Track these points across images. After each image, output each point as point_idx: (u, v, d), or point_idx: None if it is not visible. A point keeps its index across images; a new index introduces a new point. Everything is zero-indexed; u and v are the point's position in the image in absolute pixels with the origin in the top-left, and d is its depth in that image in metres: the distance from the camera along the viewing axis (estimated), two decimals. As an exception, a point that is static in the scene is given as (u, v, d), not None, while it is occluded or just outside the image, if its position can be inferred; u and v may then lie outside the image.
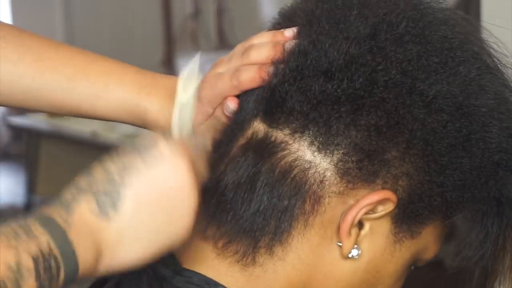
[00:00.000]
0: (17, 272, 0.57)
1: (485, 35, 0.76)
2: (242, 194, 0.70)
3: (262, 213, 0.70)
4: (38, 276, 0.58)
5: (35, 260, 0.59)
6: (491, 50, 0.74)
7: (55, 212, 0.62)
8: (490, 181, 0.72)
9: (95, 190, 0.65)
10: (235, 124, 0.74)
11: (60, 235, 0.61)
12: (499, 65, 0.74)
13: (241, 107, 0.74)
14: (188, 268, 0.72)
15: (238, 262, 0.71)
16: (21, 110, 5.29)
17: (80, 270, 0.62)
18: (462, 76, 0.70)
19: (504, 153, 0.72)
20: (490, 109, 0.71)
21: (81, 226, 0.63)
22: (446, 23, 0.73)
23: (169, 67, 4.88)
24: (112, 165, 0.66)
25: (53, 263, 0.60)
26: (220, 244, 0.72)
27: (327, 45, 0.70)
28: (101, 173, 0.66)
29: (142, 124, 0.83)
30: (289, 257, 0.71)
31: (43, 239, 0.60)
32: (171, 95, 0.80)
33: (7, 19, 5.96)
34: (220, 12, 4.81)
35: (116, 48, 5.52)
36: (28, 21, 5.86)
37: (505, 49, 0.76)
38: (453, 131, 0.70)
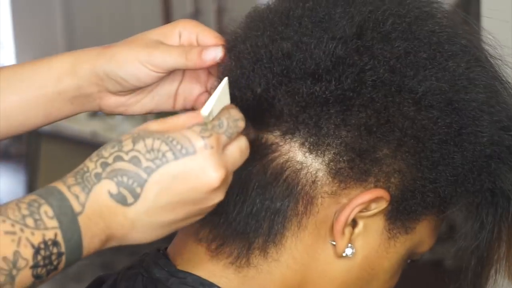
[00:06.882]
0: (13, 263, 0.57)
1: (473, 26, 0.75)
2: (234, 197, 0.70)
3: (255, 215, 0.70)
4: (35, 265, 0.58)
5: (36, 249, 0.58)
6: (480, 42, 0.74)
7: (72, 191, 0.61)
8: (483, 174, 0.72)
9: (117, 168, 0.61)
10: None
11: (70, 221, 0.59)
12: (488, 57, 0.73)
13: None
14: (182, 270, 0.72)
15: (232, 264, 0.71)
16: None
17: (83, 255, 0.61)
18: (451, 71, 0.70)
19: (496, 146, 0.71)
20: (480, 103, 0.70)
21: (95, 209, 0.61)
22: (433, 17, 0.72)
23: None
24: (139, 144, 0.62)
25: (55, 251, 0.59)
26: (213, 246, 0.72)
27: (312, 46, 0.69)
28: (126, 149, 0.62)
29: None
30: (283, 258, 0.71)
31: (51, 225, 0.59)
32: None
33: (7, 19, 5.96)
34: (220, 12, 4.80)
35: (116, 48, 5.52)
36: (28, 21, 5.86)
37: (494, 41, 0.75)
38: (443, 127, 0.69)
